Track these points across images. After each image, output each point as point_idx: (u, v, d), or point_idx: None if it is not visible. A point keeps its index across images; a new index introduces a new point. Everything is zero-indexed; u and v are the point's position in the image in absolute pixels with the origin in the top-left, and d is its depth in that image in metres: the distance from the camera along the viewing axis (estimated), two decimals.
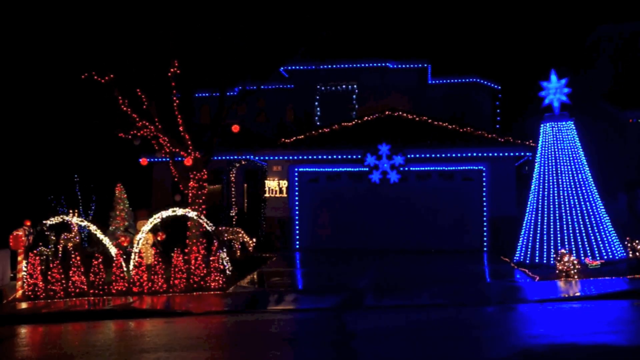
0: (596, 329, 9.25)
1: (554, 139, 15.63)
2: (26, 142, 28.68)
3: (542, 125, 15.94)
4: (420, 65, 24.69)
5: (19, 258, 13.71)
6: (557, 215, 15.16)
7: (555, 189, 15.36)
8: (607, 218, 15.41)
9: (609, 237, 15.12)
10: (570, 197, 15.19)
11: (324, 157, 20.38)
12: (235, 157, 22.04)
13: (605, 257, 14.74)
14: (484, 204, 19.77)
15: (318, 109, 24.79)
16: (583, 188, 15.28)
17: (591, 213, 15.11)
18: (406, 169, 19.83)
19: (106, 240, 14.44)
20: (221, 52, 16.58)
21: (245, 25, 16.40)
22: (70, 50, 17.28)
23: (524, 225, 16.01)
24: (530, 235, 15.59)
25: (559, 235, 14.98)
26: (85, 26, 16.53)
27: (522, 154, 19.41)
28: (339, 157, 20.28)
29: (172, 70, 16.22)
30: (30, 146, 28.83)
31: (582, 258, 14.47)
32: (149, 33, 16.24)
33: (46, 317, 11.79)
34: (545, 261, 14.93)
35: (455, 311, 10.99)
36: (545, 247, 15.11)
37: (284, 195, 20.61)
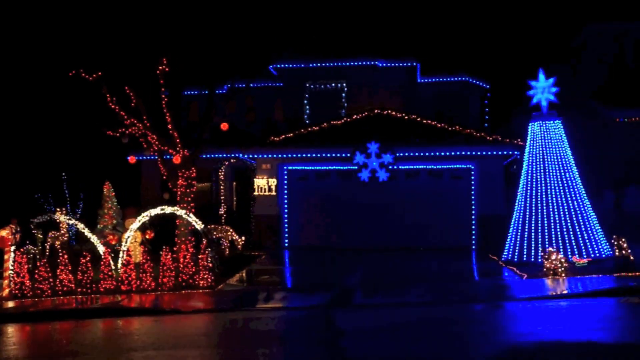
0: (583, 326, 9.31)
1: (542, 137, 15.70)
2: (13, 140, 28.45)
3: (530, 124, 16.00)
4: (409, 64, 24.73)
5: (6, 257, 13.61)
6: (544, 213, 15.24)
7: (543, 187, 15.43)
8: (595, 216, 15.50)
9: (596, 236, 15.22)
10: (558, 196, 15.27)
11: (313, 155, 20.37)
12: (224, 155, 21.98)
13: (593, 255, 14.84)
14: (473, 202, 19.87)
15: (307, 107, 24.77)
16: (570, 186, 15.36)
17: (578, 211, 15.19)
18: (395, 167, 19.86)
19: (94, 239, 14.35)
20: (210, 49, 16.55)
21: (234, 23, 16.39)
22: (59, 48, 17.20)
23: (512, 223, 16.08)
24: (518, 233, 15.66)
25: (546, 233, 15.06)
26: (74, 24, 16.47)
27: (511, 152, 19.51)
28: (328, 155, 20.29)
29: (160, 67, 16.15)
30: (17, 144, 28.60)
31: (570, 256, 14.56)
32: (137, 30, 16.18)
33: (33, 315, 11.70)
34: (533, 259, 15.00)
35: (444, 309, 11.03)
36: (533, 245, 15.19)
37: (273, 193, 20.58)
